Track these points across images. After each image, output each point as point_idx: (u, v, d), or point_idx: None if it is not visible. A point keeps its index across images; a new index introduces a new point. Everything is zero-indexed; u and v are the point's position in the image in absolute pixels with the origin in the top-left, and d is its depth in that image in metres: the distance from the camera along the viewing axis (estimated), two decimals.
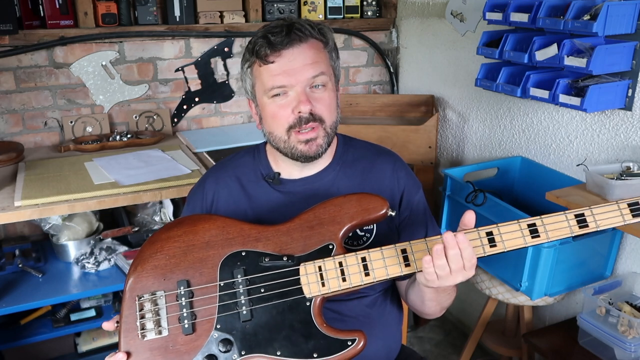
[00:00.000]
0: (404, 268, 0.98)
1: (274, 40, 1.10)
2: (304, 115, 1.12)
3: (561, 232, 0.95)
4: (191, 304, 1.04)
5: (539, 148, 2.06)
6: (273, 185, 1.23)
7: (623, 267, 1.82)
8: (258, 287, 1.03)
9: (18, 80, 2.20)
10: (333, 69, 1.19)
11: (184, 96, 2.50)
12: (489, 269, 1.87)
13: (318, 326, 1.01)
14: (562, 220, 0.95)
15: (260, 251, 1.05)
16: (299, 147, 1.14)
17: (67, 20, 2.19)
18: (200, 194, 1.28)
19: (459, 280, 0.96)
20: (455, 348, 2.54)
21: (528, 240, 0.96)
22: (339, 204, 1.04)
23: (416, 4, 2.60)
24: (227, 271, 1.05)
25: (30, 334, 1.99)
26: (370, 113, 2.67)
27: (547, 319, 2.14)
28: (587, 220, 0.95)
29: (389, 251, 0.99)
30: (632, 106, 1.68)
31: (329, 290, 1.00)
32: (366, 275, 0.99)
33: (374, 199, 1.04)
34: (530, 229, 0.96)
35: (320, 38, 1.15)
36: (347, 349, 0.99)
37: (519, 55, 1.75)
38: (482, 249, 0.96)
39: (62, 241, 2.07)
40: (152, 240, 1.08)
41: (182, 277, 1.05)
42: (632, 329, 1.55)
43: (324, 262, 1.01)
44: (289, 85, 1.11)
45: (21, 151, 2.13)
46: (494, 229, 0.96)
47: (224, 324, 1.03)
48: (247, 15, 2.47)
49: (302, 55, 1.11)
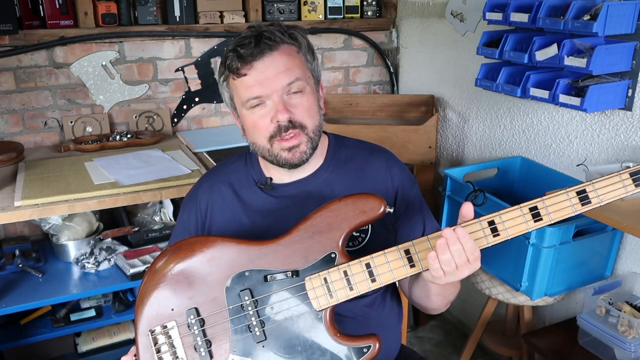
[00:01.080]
0: (410, 269, 0.97)
1: (243, 53, 1.09)
2: (283, 124, 1.11)
3: (564, 212, 0.92)
4: (204, 332, 1.04)
5: (539, 148, 2.06)
6: (265, 191, 1.23)
7: (623, 267, 1.82)
8: (267, 309, 1.02)
9: (18, 80, 2.20)
10: (310, 71, 1.17)
11: (184, 96, 2.50)
12: (489, 269, 1.87)
13: (332, 337, 1.01)
14: (564, 200, 0.92)
15: (263, 269, 1.03)
16: (283, 155, 1.14)
17: (67, 20, 2.19)
18: (193, 203, 1.28)
19: (466, 274, 0.96)
20: (455, 348, 2.54)
21: (531, 225, 0.94)
22: (335, 209, 1.02)
23: (416, 4, 2.60)
24: (234, 294, 1.04)
25: (30, 334, 1.99)
26: (370, 113, 2.67)
27: (547, 319, 2.14)
28: (590, 197, 0.91)
29: (392, 254, 0.98)
30: (632, 106, 1.68)
31: (337, 301, 1.00)
32: (372, 282, 0.98)
33: (370, 199, 1.02)
34: (532, 213, 0.93)
35: (292, 42, 1.13)
36: (364, 355, 1.00)
37: (519, 55, 1.75)
38: (485, 239, 0.95)
39: (62, 241, 2.07)
40: (152, 271, 1.07)
41: (191, 306, 1.05)
42: (632, 329, 1.55)
43: (329, 274, 1.00)
44: (265, 95, 1.10)
45: (21, 151, 2.13)
46: (495, 218, 0.94)
47: (240, 347, 1.03)
48: (247, 15, 2.47)
49: (273, 64, 1.10)
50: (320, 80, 1.22)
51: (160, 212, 2.23)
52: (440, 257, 0.94)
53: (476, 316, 2.25)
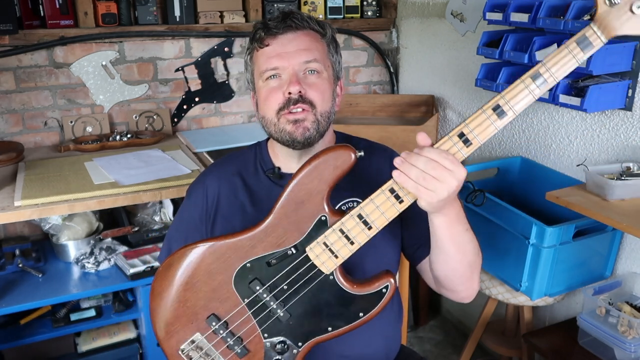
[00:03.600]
0: (400, 205, 0.97)
1: (270, 25, 1.15)
2: (294, 97, 1.13)
3: (525, 102, 0.90)
4: (232, 333, 1.06)
5: (539, 148, 2.06)
6: (273, 180, 1.24)
7: (623, 267, 1.82)
8: (281, 289, 1.03)
9: (18, 80, 2.20)
10: (331, 62, 1.20)
11: (184, 96, 2.50)
12: (489, 269, 1.87)
13: (350, 291, 1.03)
14: (522, 90, 0.90)
15: (262, 256, 1.04)
16: (287, 128, 1.15)
17: (67, 20, 2.19)
18: (201, 190, 1.28)
19: (453, 184, 0.92)
20: (455, 348, 2.54)
21: (498, 123, 0.92)
22: (308, 175, 1.01)
23: (416, 4, 2.60)
24: (244, 288, 1.05)
25: (30, 334, 1.99)
26: (370, 113, 2.67)
27: (547, 319, 2.14)
28: (546, 78, 0.89)
29: (379, 197, 0.97)
30: (632, 106, 1.68)
31: (343, 259, 1.01)
32: (370, 229, 0.98)
33: (338, 151, 1.00)
34: (497, 112, 0.91)
35: (317, 29, 1.18)
36: (384, 296, 1.03)
37: (519, 55, 1.75)
38: (460, 152, 0.93)
39: (62, 241, 2.07)
40: (155, 293, 1.08)
41: (208, 313, 1.06)
42: (632, 329, 1.55)
43: (326, 237, 1.00)
44: (282, 67, 1.14)
45: (21, 151, 2.13)
46: (464, 129, 0.92)
47: (270, 331, 1.05)
48: (247, 15, 2.47)
49: (296, 40, 1.15)
50: (340, 78, 1.24)
51: (160, 212, 2.23)
52: (406, 172, 0.92)
53: (476, 316, 2.25)
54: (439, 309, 2.81)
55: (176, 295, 1.07)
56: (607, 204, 1.54)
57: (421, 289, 2.65)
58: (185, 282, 1.06)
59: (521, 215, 1.69)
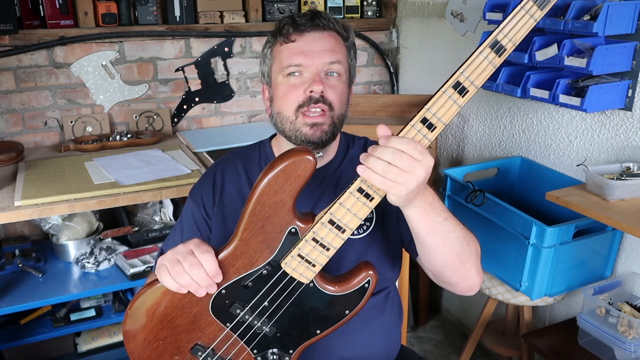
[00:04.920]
0: (371, 203, 0.93)
1: (298, 21, 1.14)
2: (315, 96, 1.12)
3: (484, 74, 0.87)
4: (221, 357, 1.04)
5: (539, 148, 2.06)
6: None
7: (623, 267, 1.82)
8: (263, 307, 1.01)
9: (18, 80, 2.20)
10: (349, 66, 1.21)
11: (184, 96, 2.50)
12: (489, 269, 1.87)
13: (333, 293, 1.00)
14: (480, 61, 0.86)
15: (235, 280, 0.99)
16: (304, 130, 1.14)
17: (67, 20, 2.19)
18: (209, 179, 1.27)
19: (421, 173, 0.88)
20: (455, 348, 2.54)
21: (460, 101, 0.88)
22: (268, 190, 0.94)
23: (416, 4, 2.60)
24: (224, 314, 1.01)
25: (30, 334, 1.99)
26: (370, 113, 2.67)
27: (547, 319, 2.14)
28: (504, 44, 0.85)
29: (348, 200, 0.92)
30: (632, 106, 1.68)
31: (321, 266, 0.98)
32: (343, 233, 0.95)
33: (295, 158, 0.92)
34: (457, 89, 0.87)
35: (342, 32, 1.18)
36: (367, 290, 1.00)
37: (519, 55, 1.75)
38: (426, 139, 0.89)
39: (62, 241, 2.07)
40: (130, 336, 1.03)
41: (191, 344, 1.03)
42: (632, 329, 1.55)
43: (300, 249, 0.96)
44: (305, 65, 1.13)
45: (21, 151, 2.13)
46: (426, 114, 0.88)
47: (260, 347, 1.03)
48: (247, 15, 2.47)
49: (322, 40, 1.14)
50: (352, 83, 1.25)
51: (160, 212, 2.23)
52: (371, 166, 0.88)
53: (476, 316, 2.25)
54: (439, 309, 2.81)
55: (153, 335, 1.03)
56: (607, 204, 1.54)
57: (421, 289, 2.65)
58: (159, 321, 1.02)
59: (521, 215, 1.69)
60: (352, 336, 1.21)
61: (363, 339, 1.22)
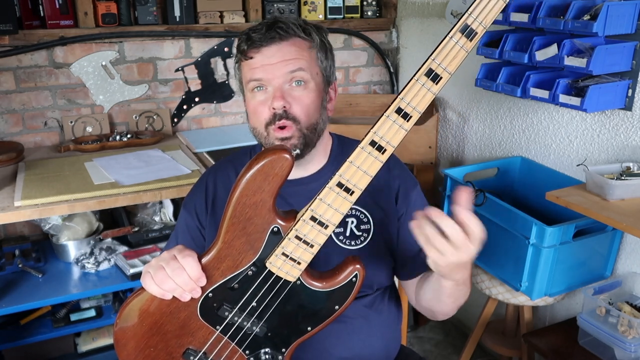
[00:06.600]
0: (352, 197, 0.93)
1: (254, 37, 1.12)
2: (278, 112, 1.12)
3: (457, 60, 0.86)
4: (214, 359, 1.04)
5: (539, 148, 2.06)
6: None
7: (623, 267, 1.82)
8: (252, 307, 1.00)
9: (18, 80, 2.20)
10: (320, 69, 1.17)
11: (184, 96, 2.50)
12: (489, 269, 1.87)
13: (321, 289, 1.00)
14: (451, 47, 0.85)
15: (222, 282, 0.99)
16: (276, 144, 1.14)
17: (67, 20, 2.19)
18: (201, 188, 1.27)
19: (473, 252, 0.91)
20: (455, 348, 2.54)
21: (434, 89, 0.88)
22: (247, 191, 0.94)
23: (416, 4, 2.60)
24: (213, 317, 1.01)
25: (30, 334, 1.99)
26: (370, 113, 2.67)
27: (547, 319, 2.14)
28: (474, 27, 0.84)
29: (329, 195, 0.92)
30: (632, 106, 1.68)
31: (307, 263, 0.97)
32: (326, 228, 0.94)
33: (272, 157, 0.92)
34: (430, 76, 0.88)
35: (304, 37, 1.15)
36: (355, 285, 1.00)
37: (519, 55, 1.75)
38: (402, 128, 0.89)
39: (62, 241, 2.07)
40: (121, 344, 1.03)
41: (183, 349, 1.03)
42: (632, 329, 1.55)
43: (283, 248, 0.96)
44: (266, 79, 1.12)
45: (21, 151, 2.13)
46: (400, 103, 0.88)
47: (252, 347, 1.03)
48: (247, 15, 2.47)
49: (280, 52, 1.12)
50: (332, 82, 1.22)
51: (160, 212, 2.23)
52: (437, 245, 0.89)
53: (476, 316, 2.25)
54: None
55: (144, 342, 1.03)
56: (607, 203, 1.54)
57: None
58: (149, 328, 1.02)
59: (521, 215, 1.69)
60: (351, 336, 1.21)
61: (362, 339, 1.22)
